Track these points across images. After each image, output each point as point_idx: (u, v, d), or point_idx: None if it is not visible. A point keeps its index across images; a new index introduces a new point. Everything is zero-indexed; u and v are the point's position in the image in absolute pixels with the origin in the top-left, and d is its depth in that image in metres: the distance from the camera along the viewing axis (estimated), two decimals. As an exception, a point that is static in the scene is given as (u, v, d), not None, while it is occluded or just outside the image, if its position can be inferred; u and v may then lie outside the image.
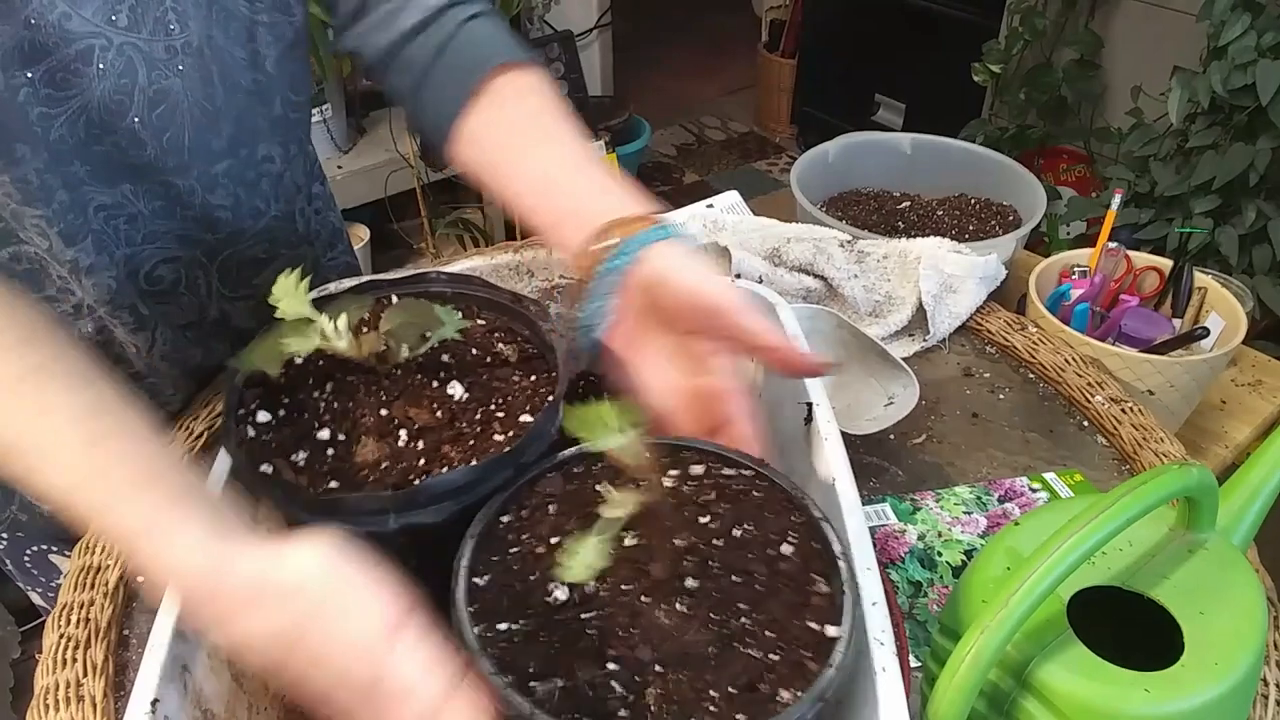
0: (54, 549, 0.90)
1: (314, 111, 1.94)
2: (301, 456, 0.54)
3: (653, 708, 0.43)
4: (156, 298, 0.77)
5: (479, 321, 0.65)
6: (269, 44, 0.73)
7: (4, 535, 0.90)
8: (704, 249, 1.08)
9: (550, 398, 0.57)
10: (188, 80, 0.68)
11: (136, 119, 0.67)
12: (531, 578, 0.49)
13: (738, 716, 0.43)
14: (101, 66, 0.63)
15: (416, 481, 0.52)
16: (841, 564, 0.49)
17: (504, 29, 0.71)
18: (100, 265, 0.72)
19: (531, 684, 0.44)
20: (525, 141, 0.65)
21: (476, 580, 0.49)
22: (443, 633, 0.44)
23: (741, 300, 0.55)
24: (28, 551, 0.91)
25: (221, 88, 0.70)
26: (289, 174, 0.80)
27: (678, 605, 0.48)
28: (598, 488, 0.54)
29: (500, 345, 0.63)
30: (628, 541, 0.51)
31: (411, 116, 0.73)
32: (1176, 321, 1.05)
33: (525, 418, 0.57)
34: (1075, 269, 1.07)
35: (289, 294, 0.57)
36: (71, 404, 0.46)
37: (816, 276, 1.01)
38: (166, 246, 0.75)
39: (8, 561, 0.93)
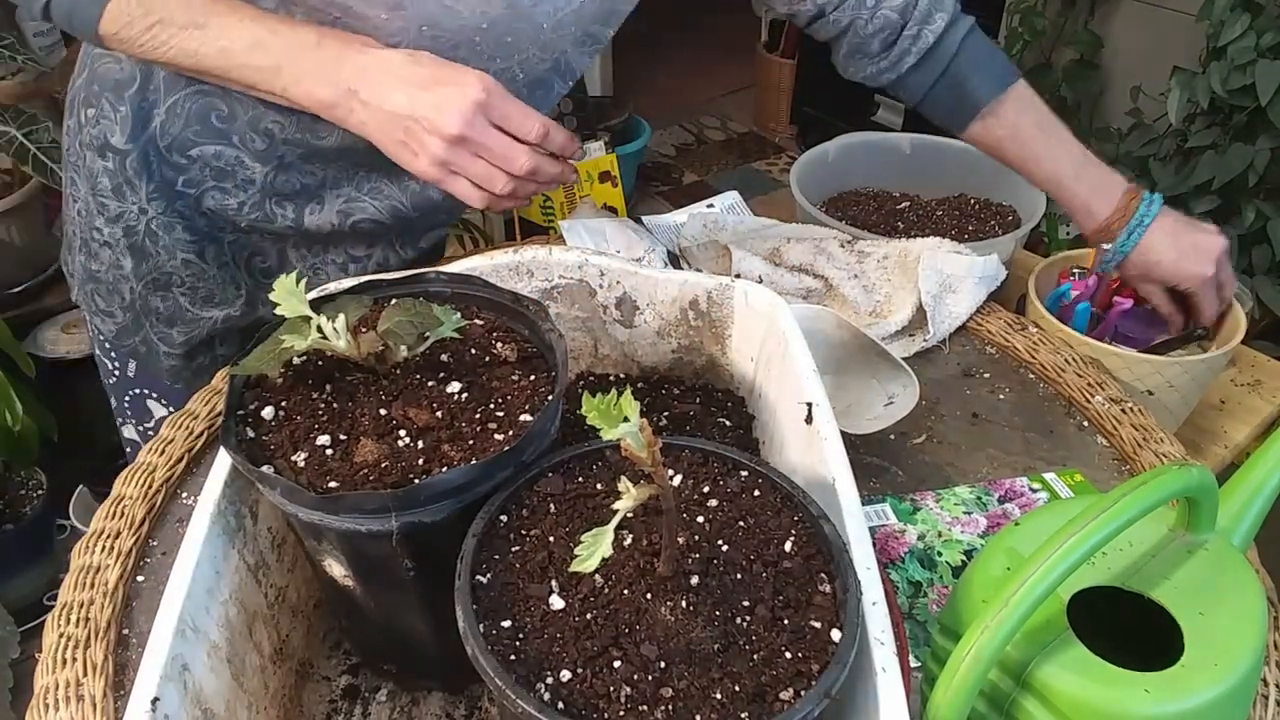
0: (153, 395, 1.01)
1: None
2: (301, 456, 0.54)
3: (658, 706, 0.43)
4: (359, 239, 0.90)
5: (478, 321, 0.65)
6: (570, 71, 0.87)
7: (115, 371, 1.00)
8: (705, 248, 1.08)
9: (550, 397, 0.57)
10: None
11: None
12: (533, 576, 0.49)
13: (742, 716, 0.43)
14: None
15: (416, 481, 0.52)
16: (842, 564, 0.49)
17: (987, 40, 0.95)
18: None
19: (536, 682, 0.44)
20: (1050, 138, 0.94)
21: (479, 579, 0.49)
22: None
23: (1202, 283, 0.92)
24: (129, 393, 1.01)
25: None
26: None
27: (682, 602, 0.48)
28: (601, 485, 0.54)
29: (499, 345, 0.63)
30: (630, 539, 0.51)
31: (916, 105, 0.97)
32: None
33: (525, 417, 0.57)
34: (1075, 270, 1.07)
35: (288, 294, 0.57)
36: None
37: (816, 276, 1.01)
38: (377, 192, 0.88)
39: (111, 398, 1.04)
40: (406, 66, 0.69)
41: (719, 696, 0.44)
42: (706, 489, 0.54)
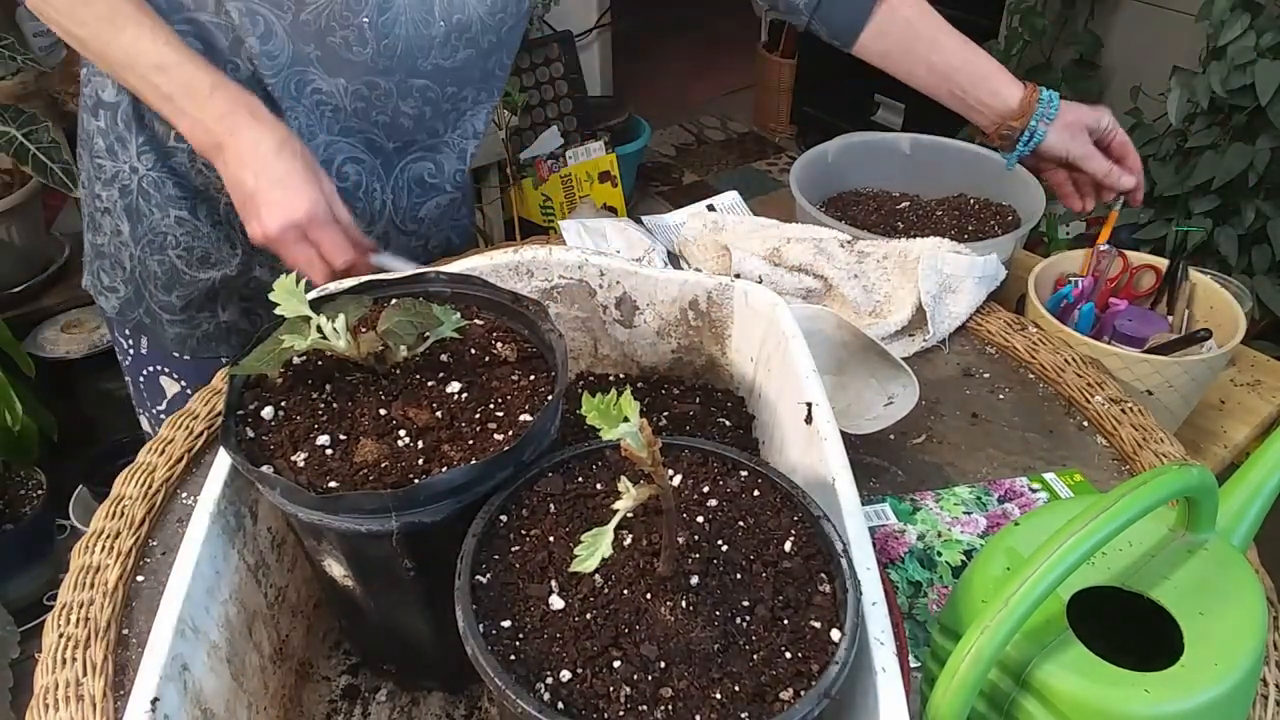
0: (165, 370, 1.03)
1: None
2: (301, 456, 0.54)
3: (658, 706, 0.43)
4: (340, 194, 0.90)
5: (478, 321, 0.65)
6: (511, 13, 0.90)
7: (130, 349, 1.03)
8: (705, 248, 1.08)
9: (550, 397, 0.57)
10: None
11: (366, 19, 0.83)
12: (534, 576, 0.49)
13: (742, 716, 0.43)
14: None
15: (416, 481, 0.52)
16: (842, 564, 0.49)
17: None
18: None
19: (536, 682, 0.44)
20: (930, 30, 0.96)
21: (479, 578, 0.49)
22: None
23: (1084, 151, 0.97)
24: (144, 372, 1.04)
25: (442, 21, 0.86)
26: (470, 116, 0.96)
27: (682, 602, 0.48)
28: (601, 485, 0.54)
29: (499, 345, 0.63)
30: (630, 539, 0.51)
31: (812, 25, 1.00)
32: (1172, 318, 1.05)
33: (525, 417, 0.57)
34: (1071, 278, 1.07)
35: (288, 294, 0.57)
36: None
37: (816, 276, 1.01)
38: (355, 145, 0.91)
39: (130, 385, 1.07)
40: (269, 155, 0.77)
41: (719, 696, 0.44)
42: (706, 489, 0.54)
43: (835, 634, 0.46)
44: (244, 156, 0.76)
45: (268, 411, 0.57)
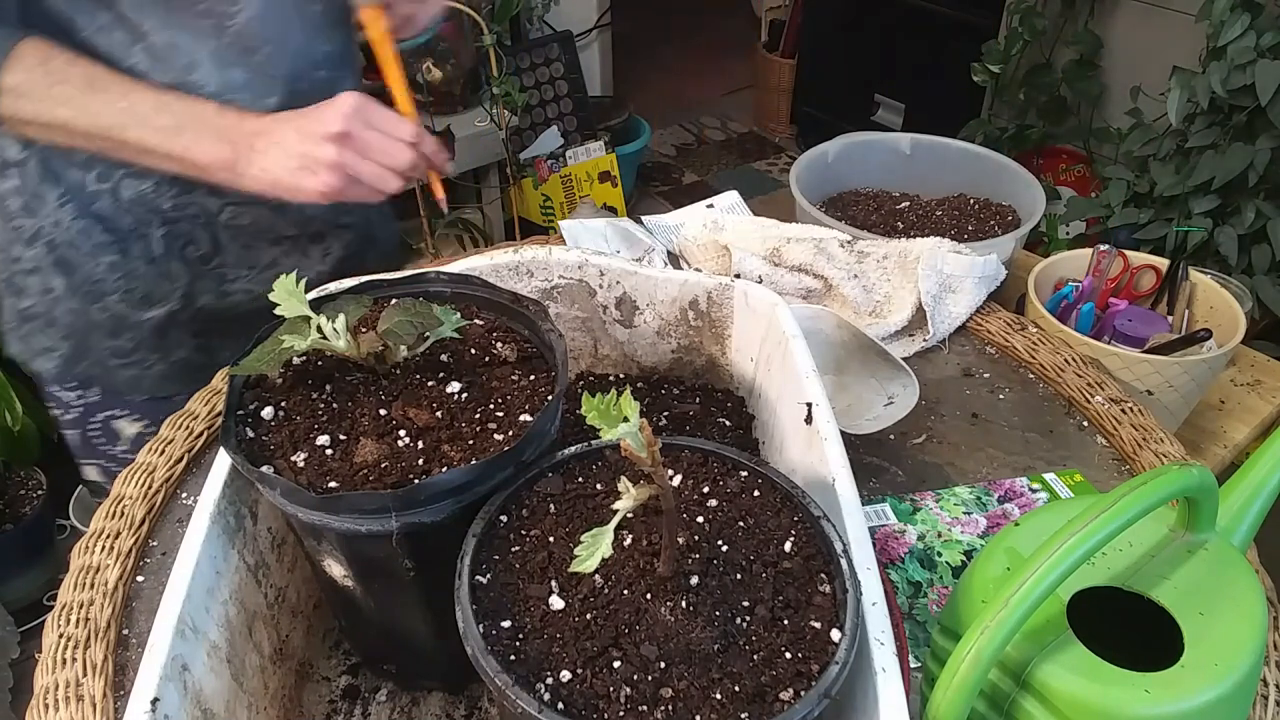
0: (119, 412, 0.99)
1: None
2: (301, 457, 0.54)
3: (658, 706, 0.43)
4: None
5: (478, 321, 0.65)
6: None
7: (77, 402, 0.98)
8: (705, 248, 1.08)
9: (550, 397, 0.57)
10: None
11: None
12: (534, 576, 0.49)
13: (742, 716, 0.43)
14: None
15: (416, 481, 0.52)
16: (842, 564, 0.49)
17: None
18: None
19: (536, 682, 0.44)
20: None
21: (479, 579, 0.49)
22: None
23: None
24: (93, 420, 0.99)
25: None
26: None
27: (682, 603, 0.48)
28: (601, 485, 0.54)
29: (499, 345, 0.63)
30: (630, 539, 0.51)
31: None
32: (1172, 318, 1.05)
33: (525, 417, 0.57)
34: (1071, 283, 1.07)
35: (288, 294, 0.57)
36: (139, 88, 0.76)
37: (816, 276, 1.01)
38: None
39: (73, 437, 1.02)
40: (290, 116, 0.77)
41: (719, 697, 0.44)
42: (706, 489, 0.54)
43: (835, 634, 0.46)
44: (274, 129, 0.76)
45: (268, 411, 0.57)
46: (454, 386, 0.59)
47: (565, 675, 0.44)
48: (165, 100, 0.76)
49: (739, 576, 0.49)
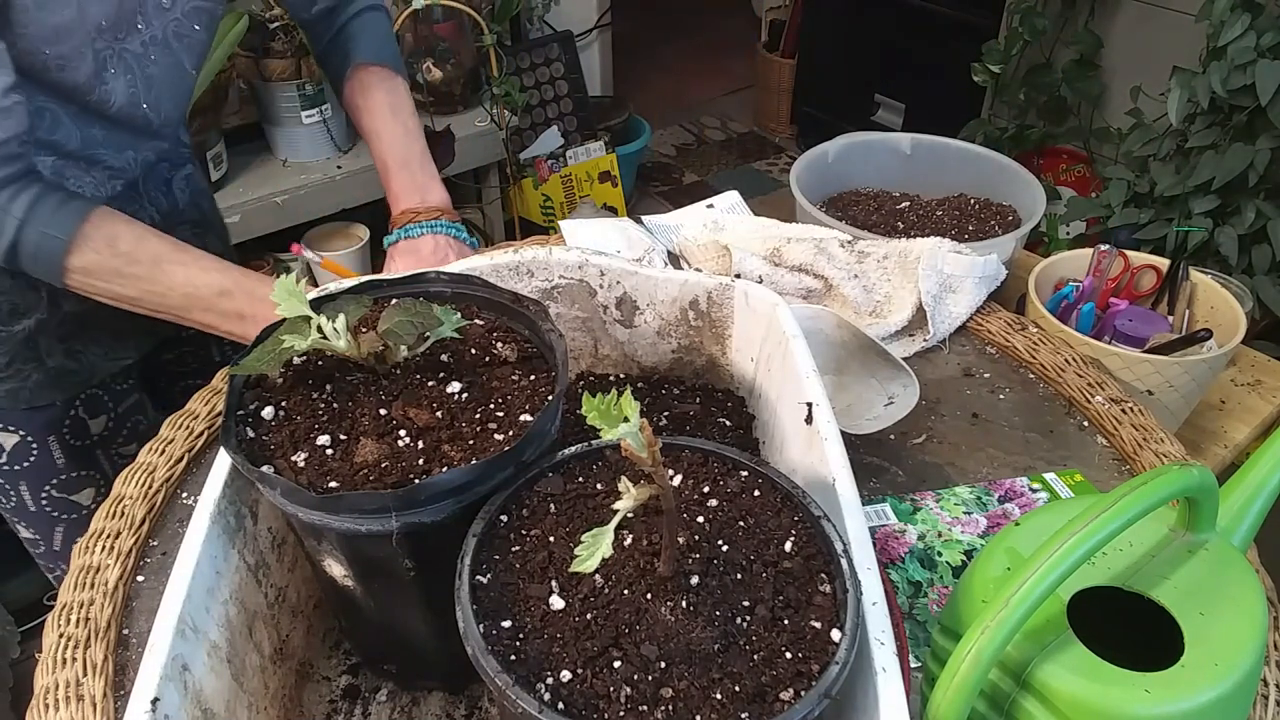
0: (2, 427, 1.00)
1: (314, 111, 1.94)
2: (301, 456, 0.54)
3: (658, 706, 0.43)
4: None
5: (478, 321, 0.65)
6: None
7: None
8: (705, 248, 1.08)
9: (550, 397, 0.57)
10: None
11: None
12: (534, 576, 0.49)
13: (742, 716, 0.43)
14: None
15: (416, 481, 0.52)
16: (842, 564, 0.49)
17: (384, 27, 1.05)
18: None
19: (536, 682, 0.44)
20: (396, 124, 1.02)
21: (480, 579, 0.49)
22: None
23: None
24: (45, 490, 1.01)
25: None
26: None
27: (682, 603, 0.48)
28: (601, 485, 0.54)
29: (499, 345, 0.63)
30: (630, 539, 0.51)
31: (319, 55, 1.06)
32: (1172, 318, 1.05)
33: (525, 417, 0.57)
34: (1071, 283, 1.07)
35: (288, 294, 0.57)
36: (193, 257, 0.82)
37: (816, 276, 1.01)
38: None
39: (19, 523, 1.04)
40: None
41: (719, 697, 0.44)
42: (706, 489, 0.54)
43: (835, 634, 0.46)
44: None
45: (268, 411, 0.57)
46: (454, 386, 0.59)
47: (565, 675, 0.44)
48: (227, 284, 0.81)
49: (739, 576, 0.49)
